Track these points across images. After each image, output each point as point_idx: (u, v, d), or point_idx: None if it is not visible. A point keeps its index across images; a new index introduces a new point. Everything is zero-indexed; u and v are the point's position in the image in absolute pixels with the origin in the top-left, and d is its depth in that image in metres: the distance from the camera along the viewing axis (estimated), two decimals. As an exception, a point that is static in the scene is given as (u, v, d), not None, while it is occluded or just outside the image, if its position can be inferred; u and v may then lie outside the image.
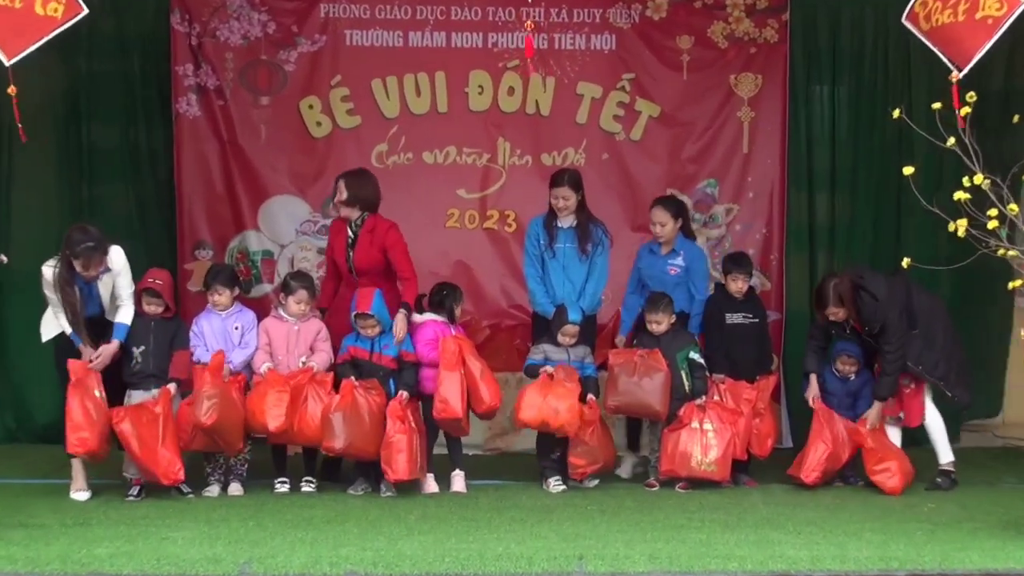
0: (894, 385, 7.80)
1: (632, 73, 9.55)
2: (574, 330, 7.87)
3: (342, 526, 6.55)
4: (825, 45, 9.62)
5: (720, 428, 7.73)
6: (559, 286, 8.17)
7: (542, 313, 8.20)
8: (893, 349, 7.69)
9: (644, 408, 7.83)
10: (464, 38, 9.50)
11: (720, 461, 7.69)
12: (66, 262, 7.31)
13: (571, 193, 8.19)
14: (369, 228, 8.02)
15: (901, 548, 6.05)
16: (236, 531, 6.39)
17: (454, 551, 5.90)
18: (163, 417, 7.26)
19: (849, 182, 9.65)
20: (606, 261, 8.26)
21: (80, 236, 7.31)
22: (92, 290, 7.46)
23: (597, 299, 8.26)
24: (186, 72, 9.35)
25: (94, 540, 6.14)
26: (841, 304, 7.83)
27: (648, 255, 8.36)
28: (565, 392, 7.62)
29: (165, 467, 7.20)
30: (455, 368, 7.55)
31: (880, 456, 7.73)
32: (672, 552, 5.91)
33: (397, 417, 7.42)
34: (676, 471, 7.73)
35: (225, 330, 7.70)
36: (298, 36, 9.45)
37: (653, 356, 7.78)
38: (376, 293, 7.69)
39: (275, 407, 7.39)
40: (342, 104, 9.52)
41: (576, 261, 8.18)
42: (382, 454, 7.40)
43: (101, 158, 9.44)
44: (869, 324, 7.75)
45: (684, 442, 7.72)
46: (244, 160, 9.43)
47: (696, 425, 7.74)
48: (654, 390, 7.72)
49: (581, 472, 7.73)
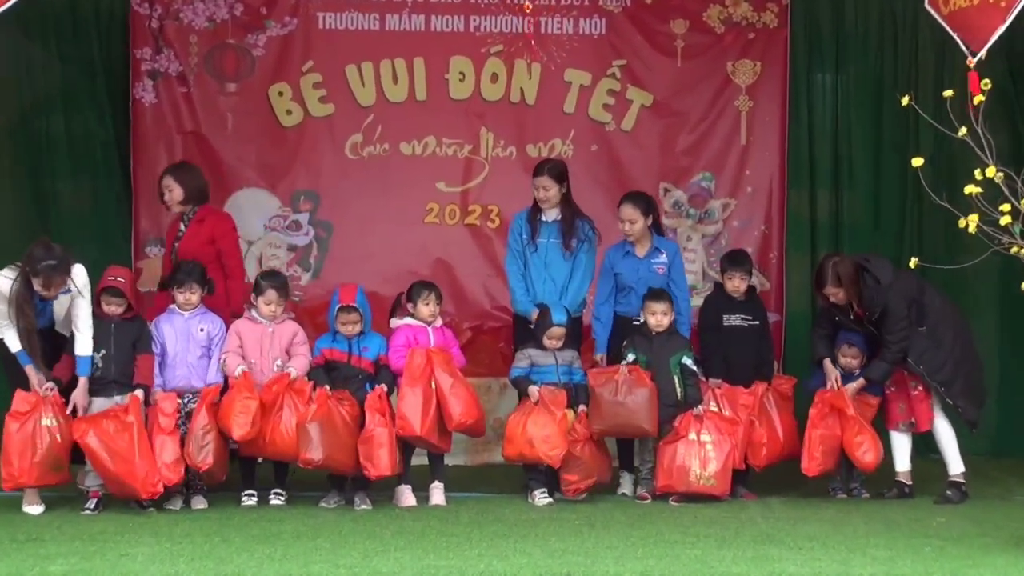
0: (887, 373, 7.85)
1: (623, 59, 9.55)
2: (560, 332, 7.85)
3: (313, 542, 6.52)
4: (828, 30, 9.66)
5: (719, 440, 7.71)
6: (540, 284, 8.15)
7: (522, 313, 8.17)
8: (896, 340, 7.73)
9: (632, 428, 7.80)
10: (444, 21, 9.49)
11: (719, 475, 7.68)
12: (25, 278, 7.24)
13: (551, 183, 8.16)
14: (199, 218, 8.11)
15: (908, 564, 6.06)
16: (200, 547, 6.36)
17: (432, 568, 5.89)
18: (136, 427, 7.20)
19: (852, 176, 9.67)
20: (592, 259, 8.24)
21: (42, 253, 7.22)
22: (47, 306, 7.41)
23: (581, 299, 8.22)
24: (143, 56, 9.32)
25: (48, 557, 6.09)
26: (839, 284, 7.85)
27: (625, 258, 8.23)
28: (546, 420, 7.59)
29: (143, 480, 7.15)
30: (416, 383, 7.48)
31: (858, 429, 7.80)
32: (665, 569, 5.91)
33: (376, 410, 7.41)
34: (674, 486, 7.71)
35: (188, 332, 7.66)
36: (267, 19, 9.44)
37: (635, 372, 7.75)
38: (359, 287, 7.71)
39: (241, 414, 7.36)
40: (314, 91, 9.50)
41: (559, 258, 8.16)
42: (361, 449, 7.37)
43: (55, 148, 9.40)
44: (870, 308, 7.79)
45: (682, 455, 7.70)
46: (209, 151, 9.40)
47: (693, 437, 7.72)
48: (640, 408, 7.68)
49: (574, 488, 7.71)
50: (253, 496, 7.60)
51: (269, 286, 7.78)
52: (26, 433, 7.20)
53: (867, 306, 7.82)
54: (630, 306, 8.12)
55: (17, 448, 7.19)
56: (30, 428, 7.21)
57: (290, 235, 9.43)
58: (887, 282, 7.76)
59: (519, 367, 7.90)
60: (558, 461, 7.58)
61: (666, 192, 9.51)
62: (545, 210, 8.23)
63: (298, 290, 9.38)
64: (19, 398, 7.27)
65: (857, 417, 7.82)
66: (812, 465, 7.83)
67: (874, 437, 7.85)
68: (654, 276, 8.18)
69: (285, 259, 9.43)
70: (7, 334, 7.32)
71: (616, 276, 8.22)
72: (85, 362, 7.40)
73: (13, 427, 7.22)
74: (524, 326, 8.16)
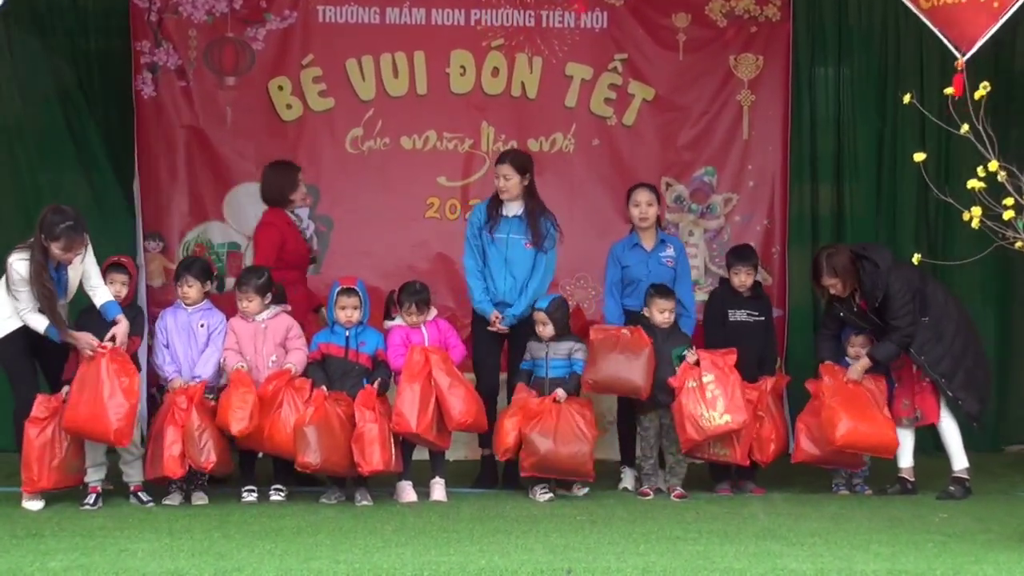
0: (893, 355, 7.85)
1: (624, 53, 9.56)
2: (543, 316, 7.84)
3: (314, 537, 6.53)
4: (831, 23, 9.66)
5: (719, 376, 7.69)
6: (500, 280, 8.12)
7: (480, 312, 8.15)
8: (903, 324, 7.74)
9: (625, 383, 7.78)
10: (445, 15, 9.50)
11: (731, 407, 7.61)
12: (41, 248, 7.26)
13: (512, 172, 8.12)
14: None
15: (911, 561, 6.06)
16: (200, 543, 6.36)
17: (434, 564, 5.89)
18: (106, 372, 7.19)
19: (855, 170, 9.67)
20: (554, 258, 8.23)
21: (58, 217, 7.24)
22: (61, 277, 7.44)
23: (540, 296, 8.11)
24: (143, 49, 9.33)
25: (47, 553, 6.10)
26: (836, 275, 7.85)
27: (632, 251, 8.23)
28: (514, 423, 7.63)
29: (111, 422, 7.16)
30: (415, 380, 7.48)
31: (871, 414, 7.80)
32: (667, 565, 5.90)
33: (367, 407, 7.42)
34: (694, 439, 7.66)
35: (190, 327, 7.70)
36: (267, 12, 9.44)
37: (636, 332, 7.77)
38: (359, 280, 7.80)
39: (239, 408, 7.36)
40: (314, 85, 9.50)
41: (522, 254, 8.12)
42: (354, 447, 7.39)
43: (56, 142, 9.40)
44: (872, 295, 7.79)
45: (687, 405, 7.67)
46: (208, 145, 9.41)
47: (693, 383, 7.70)
48: (637, 366, 7.69)
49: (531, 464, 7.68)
50: (253, 492, 7.61)
51: (245, 282, 7.80)
52: (45, 439, 7.27)
53: (868, 293, 7.82)
54: (638, 300, 8.11)
55: (36, 454, 7.25)
56: (49, 434, 7.28)
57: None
58: (886, 266, 7.77)
59: (524, 361, 7.94)
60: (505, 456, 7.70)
61: (668, 187, 9.51)
62: (506, 202, 8.19)
63: (299, 286, 9.38)
64: (39, 403, 7.31)
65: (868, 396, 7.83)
66: (796, 452, 7.88)
67: (888, 421, 7.84)
68: (664, 269, 8.19)
69: (286, 254, 9.43)
70: (30, 318, 7.34)
71: (623, 270, 8.22)
72: (113, 304, 7.47)
73: (33, 432, 7.27)
74: (482, 323, 8.16)
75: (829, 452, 7.86)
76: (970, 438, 8.08)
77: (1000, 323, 9.73)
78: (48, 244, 7.22)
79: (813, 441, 7.88)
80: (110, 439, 7.21)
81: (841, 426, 7.68)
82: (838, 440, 7.70)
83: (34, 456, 7.25)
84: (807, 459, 7.92)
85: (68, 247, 7.24)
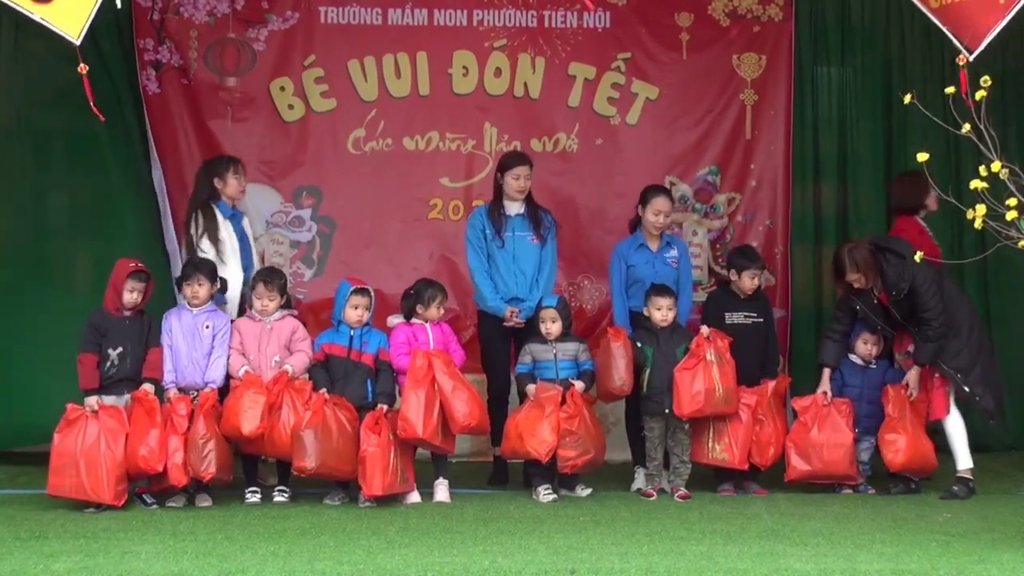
0: (935, 352, 7.78)
1: (628, 53, 9.59)
2: (552, 313, 7.88)
3: (317, 539, 6.55)
4: (833, 22, 9.69)
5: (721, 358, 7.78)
6: (510, 278, 8.19)
7: (492, 312, 8.20)
8: (933, 314, 7.70)
9: (605, 381, 7.88)
10: (447, 16, 9.54)
11: (731, 391, 7.74)
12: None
13: (530, 173, 8.26)
14: None
15: (915, 560, 6.08)
16: (204, 544, 6.38)
17: (437, 565, 5.91)
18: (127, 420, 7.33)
19: (858, 170, 9.69)
20: (556, 249, 8.32)
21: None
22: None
23: (551, 287, 8.25)
24: (146, 46, 9.37)
25: (51, 554, 6.12)
26: (858, 269, 7.83)
27: (638, 251, 8.27)
28: (536, 416, 7.62)
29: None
30: (420, 386, 7.48)
31: (893, 427, 7.82)
32: (670, 565, 5.92)
33: (372, 431, 7.42)
34: (703, 411, 7.73)
35: (195, 328, 7.70)
36: (269, 13, 9.49)
37: (615, 331, 7.89)
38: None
39: (251, 409, 7.39)
40: (316, 86, 9.54)
41: (529, 250, 8.20)
42: (358, 469, 7.43)
43: (67, 141, 9.39)
44: (896, 287, 7.75)
45: (698, 379, 7.72)
46: (210, 145, 9.42)
47: (712, 357, 7.76)
48: (614, 364, 7.78)
49: (571, 464, 7.65)
50: (257, 493, 7.63)
51: (258, 282, 7.85)
52: (68, 447, 7.27)
53: (892, 285, 7.76)
54: (641, 300, 8.14)
55: (61, 460, 7.27)
56: (77, 443, 7.27)
57: (293, 231, 9.47)
58: (911, 256, 7.75)
59: (522, 363, 7.95)
60: (545, 456, 7.59)
61: (672, 186, 9.50)
62: (509, 204, 8.27)
63: (301, 287, 9.42)
64: (69, 410, 7.34)
65: (896, 417, 7.84)
66: (788, 471, 7.91)
67: (912, 437, 7.83)
68: (668, 270, 8.23)
69: (288, 255, 9.47)
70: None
71: (628, 269, 8.25)
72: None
73: (57, 439, 7.30)
74: (490, 323, 8.20)
75: (820, 468, 7.88)
76: (991, 439, 8.06)
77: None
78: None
79: (803, 458, 7.89)
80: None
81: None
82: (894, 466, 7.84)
83: (58, 463, 7.26)
84: (800, 477, 7.91)
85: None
